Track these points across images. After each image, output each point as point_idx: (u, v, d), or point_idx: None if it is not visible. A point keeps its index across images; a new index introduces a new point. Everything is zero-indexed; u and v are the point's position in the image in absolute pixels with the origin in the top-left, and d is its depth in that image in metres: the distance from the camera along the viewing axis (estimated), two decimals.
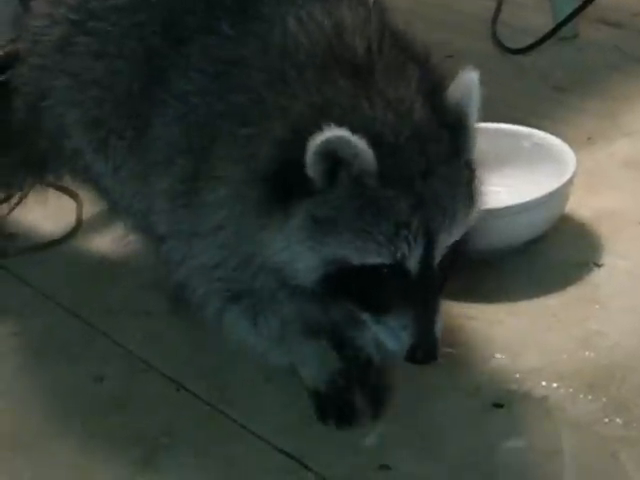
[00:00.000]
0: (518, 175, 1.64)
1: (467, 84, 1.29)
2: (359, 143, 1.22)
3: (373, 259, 1.24)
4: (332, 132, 1.21)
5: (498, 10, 2.27)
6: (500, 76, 2.02)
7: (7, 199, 1.74)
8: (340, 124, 1.22)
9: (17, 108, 1.60)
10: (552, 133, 1.69)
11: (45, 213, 1.73)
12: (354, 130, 1.22)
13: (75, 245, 1.72)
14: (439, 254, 1.26)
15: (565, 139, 1.68)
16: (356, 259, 1.25)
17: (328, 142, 1.22)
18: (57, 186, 1.73)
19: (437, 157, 1.26)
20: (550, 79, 2.01)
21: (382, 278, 1.25)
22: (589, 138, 1.85)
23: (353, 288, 1.27)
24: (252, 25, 1.35)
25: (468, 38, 2.14)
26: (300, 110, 1.26)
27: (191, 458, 1.34)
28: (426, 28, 1.57)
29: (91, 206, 1.68)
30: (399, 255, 1.24)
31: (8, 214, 1.73)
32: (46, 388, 1.47)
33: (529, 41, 2.13)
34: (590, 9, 2.10)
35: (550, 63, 2.10)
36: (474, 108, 1.29)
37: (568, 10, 2.12)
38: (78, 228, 1.74)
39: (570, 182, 1.61)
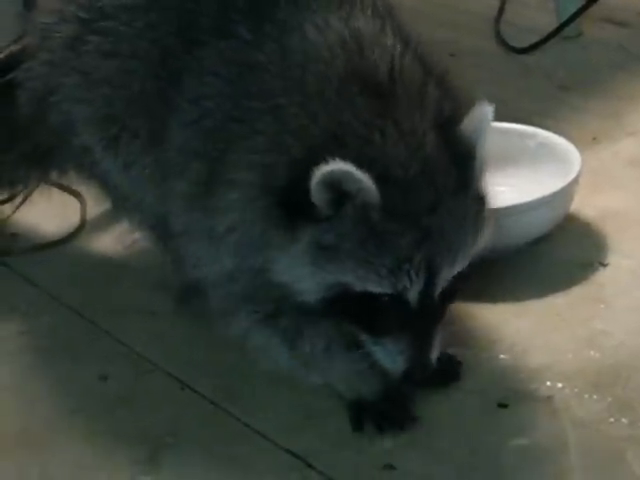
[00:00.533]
0: (523, 174, 1.65)
1: (481, 118, 1.30)
2: (363, 178, 1.23)
3: (374, 288, 1.27)
4: (337, 165, 1.23)
5: (502, 9, 2.28)
6: (504, 75, 2.03)
7: (10, 199, 1.74)
8: (349, 154, 1.24)
9: (23, 103, 1.59)
10: (556, 132, 1.69)
11: (49, 213, 1.73)
12: (361, 163, 1.24)
13: (79, 245, 1.73)
14: (440, 286, 1.29)
15: (569, 138, 1.69)
16: (357, 286, 1.27)
17: (332, 174, 1.23)
18: (61, 186, 1.73)
19: (445, 191, 1.27)
20: (554, 78, 2.01)
21: (382, 305, 1.28)
22: (594, 138, 1.85)
23: (353, 311, 1.30)
24: (269, 29, 1.35)
25: (472, 37, 2.14)
26: (315, 132, 1.28)
27: (195, 457, 1.34)
28: (430, 27, 1.58)
29: (95, 206, 1.67)
30: (400, 287, 1.27)
31: (12, 214, 1.73)
32: (52, 386, 1.47)
33: (533, 40, 2.13)
34: (594, 8, 2.10)
35: (554, 62, 2.10)
36: (485, 141, 1.30)
37: (572, 9, 2.12)
38: (82, 228, 1.74)
39: (575, 181, 1.61)
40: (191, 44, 1.40)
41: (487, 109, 1.30)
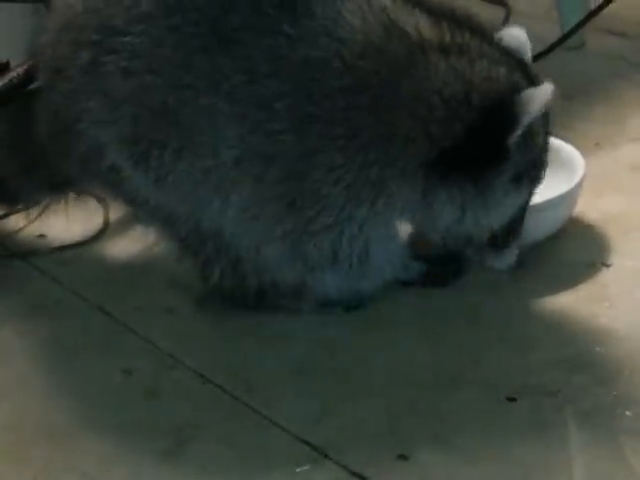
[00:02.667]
0: None
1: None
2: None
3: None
4: (549, 87, 1.41)
5: (507, 20, 2.29)
6: None
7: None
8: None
9: (44, 137, 1.56)
10: (561, 139, 1.72)
11: (74, 216, 1.74)
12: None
13: (103, 246, 1.75)
14: None
15: (573, 144, 1.72)
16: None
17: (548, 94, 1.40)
18: (85, 191, 1.73)
19: None
20: (558, 87, 2.02)
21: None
22: (596, 143, 1.89)
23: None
24: (312, 24, 1.39)
25: None
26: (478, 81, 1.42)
27: (215, 448, 1.37)
28: None
29: (117, 209, 1.70)
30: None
31: (38, 217, 1.75)
32: (77, 381, 1.50)
33: (537, 50, 2.10)
34: (596, 19, 2.12)
35: (558, 71, 2.06)
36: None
37: (575, 20, 2.14)
38: (105, 230, 1.76)
39: (579, 186, 1.65)
40: (226, 43, 1.39)
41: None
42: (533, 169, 1.49)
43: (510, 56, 1.48)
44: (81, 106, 1.49)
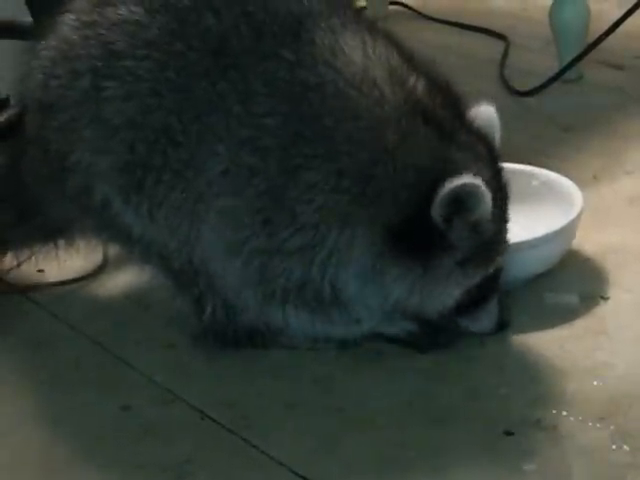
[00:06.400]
0: (527, 212, 1.68)
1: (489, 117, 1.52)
2: (486, 193, 1.39)
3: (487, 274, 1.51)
4: (469, 179, 1.38)
5: (506, 53, 2.33)
6: (508, 117, 2.02)
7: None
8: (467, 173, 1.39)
9: (31, 181, 1.57)
10: (559, 171, 1.73)
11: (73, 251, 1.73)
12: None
13: (101, 281, 1.76)
14: None
15: (571, 177, 1.73)
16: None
17: (464, 187, 1.38)
18: None
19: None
20: (556, 119, 2.04)
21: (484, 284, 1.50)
22: (594, 176, 1.89)
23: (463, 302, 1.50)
24: (311, 50, 1.43)
25: (476, 80, 2.17)
26: (421, 154, 1.43)
27: None
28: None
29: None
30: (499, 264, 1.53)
31: (37, 253, 1.74)
32: (75, 416, 1.50)
33: (536, 83, 2.18)
34: (594, 52, 2.14)
35: (556, 104, 2.14)
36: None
37: (573, 54, 2.17)
38: (104, 265, 1.77)
39: (577, 219, 1.66)
40: (227, 68, 1.43)
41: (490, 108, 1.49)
42: (484, 252, 1.47)
43: (479, 140, 1.49)
44: (75, 137, 1.50)
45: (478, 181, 1.40)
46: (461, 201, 1.40)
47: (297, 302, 1.49)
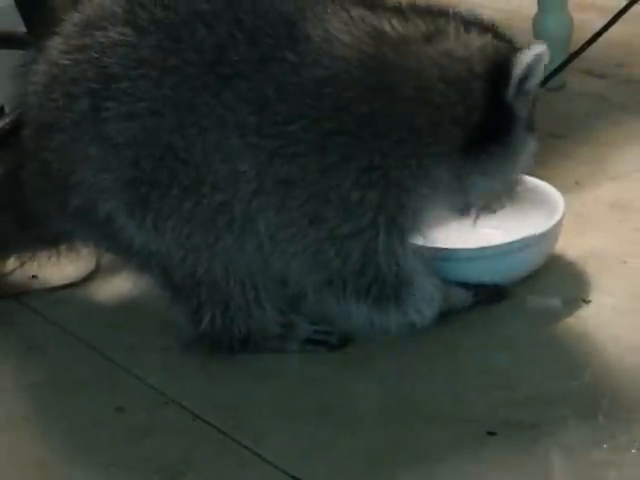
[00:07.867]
0: (511, 217, 1.71)
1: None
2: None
3: None
4: (541, 47, 1.47)
5: None
6: None
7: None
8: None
9: (31, 197, 1.57)
10: (542, 178, 1.76)
11: (66, 256, 1.75)
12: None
13: (95, 286, 1.77)
14: None
15: (554, 183, 1.75)
16: None
17: (537, 55, 1.46)
18: None
19: None
20: (540, 127, 2.04)
21: None
22: (577, 182, 1.92)
23: None
24: (311, 46, 1.44)
25: None
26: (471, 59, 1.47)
27: None
28: None
29: None
30: None
31: (31, 258, 1.76)
32: (68, 419, 1.52)
33: None
34: (576, 62, 2.16)
35: (540, 112, 2.16)
36: None
37: (556, 62, 2.16)
38: (98, 270, 1.78)
39: (559, 224, 1.68)
40: (226, 78, 1.42)
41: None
42: (532, 114, 1.57)
43: (484, 25, 1.54)
44: (78, 155, 1.50)
45: (543, 47, 1.48)
46: (531, 68, 1.48)
47: (347, 280, 1.49)
